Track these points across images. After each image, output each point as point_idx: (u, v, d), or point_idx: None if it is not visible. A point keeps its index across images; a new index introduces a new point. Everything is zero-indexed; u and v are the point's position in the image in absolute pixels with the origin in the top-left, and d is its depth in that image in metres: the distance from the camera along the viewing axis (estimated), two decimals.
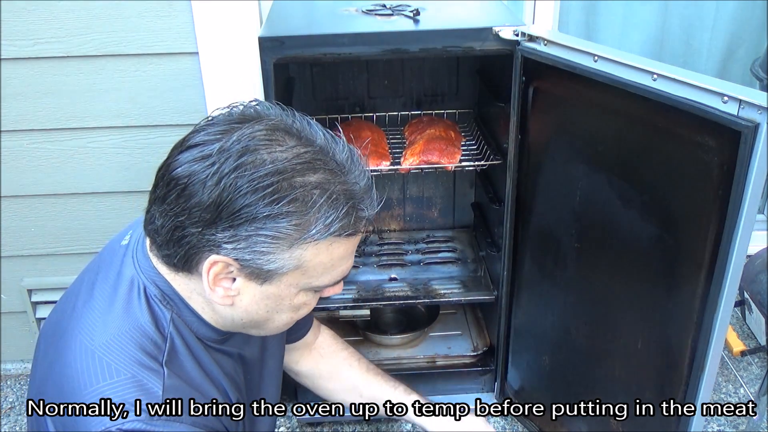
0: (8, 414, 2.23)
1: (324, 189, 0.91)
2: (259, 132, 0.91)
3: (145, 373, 0.94)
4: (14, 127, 2.01)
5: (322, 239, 0.93)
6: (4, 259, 2.20)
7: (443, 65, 2.18)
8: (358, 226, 0.97)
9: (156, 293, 1.01)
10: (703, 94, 1.17)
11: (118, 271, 1.04)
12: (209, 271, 0.94)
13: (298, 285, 0.99)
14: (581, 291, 1.65)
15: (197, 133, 0.94)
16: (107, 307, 1.00)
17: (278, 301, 1.00)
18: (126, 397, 0.92)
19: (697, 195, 1.26)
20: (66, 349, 0.98)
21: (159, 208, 0.94)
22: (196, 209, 0.90)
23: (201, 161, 0.90)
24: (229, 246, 0.91)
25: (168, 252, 0.96)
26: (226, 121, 0.94)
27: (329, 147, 0.95)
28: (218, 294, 0.97)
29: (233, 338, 1.12)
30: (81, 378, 0.94)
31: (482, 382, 2.12)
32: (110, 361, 0.94)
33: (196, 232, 0.91)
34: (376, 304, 2.08)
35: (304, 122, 0.97)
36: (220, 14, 1.90)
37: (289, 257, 0.94)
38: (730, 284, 1.22)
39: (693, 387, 1.36)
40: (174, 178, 0.92)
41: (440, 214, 2.43)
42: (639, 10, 2.45)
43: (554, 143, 1.62)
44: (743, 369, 2.27)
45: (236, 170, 0.88)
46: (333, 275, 1.01)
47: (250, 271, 0.95)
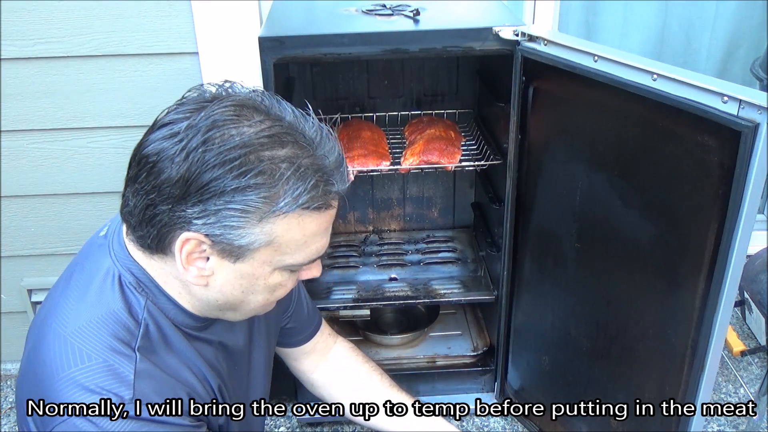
0: (8, 414, 2.23)
1: (291, 162, 0.91)
2: (227, 108, 0.92)
3: (116, 358, 0.94)
4: (14, 127, 2.01)
5: (291, 211, 0.93)
6: (4, 259, 2.20)
7: (443, 65, 2.18)
8: (327, 199, 0.97)
9: (131, 280, 1.01)
10: (703, 94, 1.17)
11: (94, 261, 1.05)
12: (182, 250, 0.94)
13: (271, 263, 0.98)
14: (581, 291, 1.65)
15: (168, 114, 0.95)
16: (81, 296, 1.01)
17: (253, 280, 1.00)
18: (97, 382, 0.92)
19: (697, 195, 1.26)
20: (42, 338, 0.99)
21: (131, 189, 0.95)
22: (166, 185, 0.90)
23: (170, 139, 0.91)
24: (200, 221, 0.91)
25: (142, 233, 0.96)
26: (197, 100, 0.95)
27: (298, 123, 0.96)
28: (192, 274, 0.97)
29: (214, 326, 1.12)
30: (54, 364, 0.95)
31: (482, 382, 2.12)
32: (82, 347, 0.95)
33: (167, 210, 0.92)
34: (376, 304, 2.08)
35: (273, 100, 0.97)
36: (220, 14, 1.90)
37: (260, 231, 0.93)
38: (730, 284, 1.22)
39: (693, 387, 1.36)
40: (144, 156, 0.93)
41: (440, 214, 2.43)
42: (639, 10, 2.45)
43: (554, 143, 1.62)
44: (743, 369, 2.27)
45: (203, 144, 0.88)
46: (307, 253, 1.00)
47: (222, 248, 0.94)
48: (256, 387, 1.30)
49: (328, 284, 2.16)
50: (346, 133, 2.00)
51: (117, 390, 0.92)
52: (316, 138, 0.96)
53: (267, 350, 1.33)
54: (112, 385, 0.92)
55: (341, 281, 2.17)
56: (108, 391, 0.92)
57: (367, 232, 2.42)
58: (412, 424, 1.46)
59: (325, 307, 2.06)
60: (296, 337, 1.48)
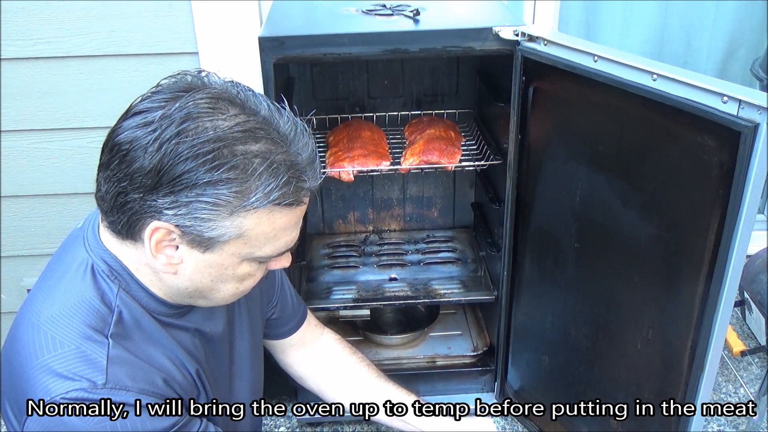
0: None
1: (264, 158, 0.92)
2: (202, 100, 0.92)
3: (89, 344, 0.95)
4: (14, 127, 2.01)
5: (262, 207, 0.94)
6: (4, 259, 2.20)
7: (443, 65, 2.18)
8: (299, 196, 0.97)
9: (104, 269, 1.02)
10: (702, 94, 1.17)
11: (70, 252, 1.07)
12: (151, 238, 0.95)
13: (240, 255, 0.99)
14: (581, 291, 1.65)
15: (142, 101, 0.95)
16: (54, 286, 1.02)
17: (221, 270, 1.01)
18: (70, 368, 0.93)
19: (696, 195, 1.26)
20: (16, 330, 1.01)
21: (103, 175, 0.96)
22: (138, 174, 0.91)
23: (143, 127, 0.91)
24: (170, 212, 0.92)
25: (113, 218, 0.98)
26: (171, 89, 0.95)
27: (273, 118, 0.96)
28: (161, 261, 0.98)
29: (191, 314, 1.12)
30: (27, 352, 0.96)
31: (482, 382, 2.12)
32: (55, 334, 0.96)
33: (138, 198, 0.92)
34: (376, 304, 2.08)
35: (248, 93, 0.98)
36: (220, 14, 1.90)
37: (230, 225, 0.94)
38: (729, 284, 1.22)
39: (693, 387, 1.36)
40: (117, 143, 0.93)
41: (440, 214, 2.43)
42: (639, 10, 2.45)
43: (554, 143, 1.62)
44: (743, 369, 2.27)
45: (177, 136, 0.89)
46: (276, 246, 1.01)
47: (191, 239, 0.95)
48: (241, 374, 1.30)
49: (328, 284, 2.16)
50: (346, 133, 2.00)
51: (90, 375, 0.93)
52: (290, 134, 0.96)
53: (251, 341, 1.32)
54: (85, 370, 0.93)
55: (341, 281, 2.17)
56: (81, 377, 0.93)
57: (367, 232, 2.42)
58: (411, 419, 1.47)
59: (325, 307, 2.06)
60: (282, 328, 1.48)
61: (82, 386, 0.92)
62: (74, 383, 0.92)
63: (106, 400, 0.92)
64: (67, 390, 0.91)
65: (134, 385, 0.96)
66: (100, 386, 0.92)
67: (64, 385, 0.92)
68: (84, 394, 0.92)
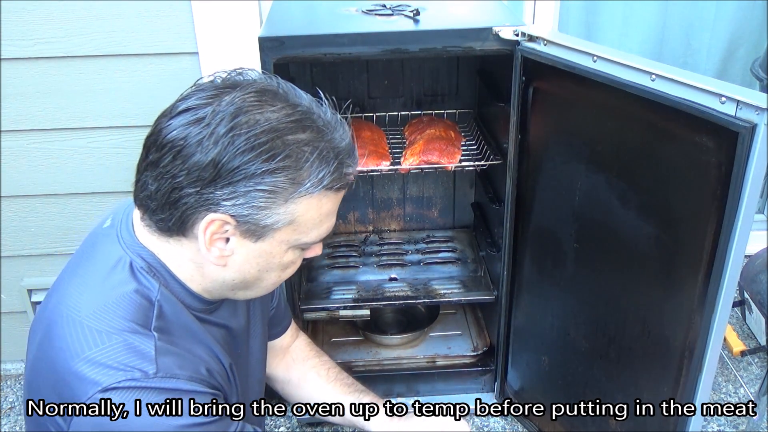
0: (8, 414, 2.23)
1: (314, 146, 0.97)
2: (249, 95, 0.96)
3: (135, 337, 0.97)
4: (14, 127, 2.01)
5: (315, 192, 0.98)
6: (4, 259, 2.20)
7: (443, 65, 2.18)
8: (345, 180, 1.02)
9: (142, 266, 1.03)
10: (701, 95, 1.17)
11: (103, 251, 1.07)
12: (206, 231, 0.97)
13: (288, 242, 1.03)
14: (581, 291, 1.65)
15: (185, 100, 0.98)
16: (92, 283, 1.03)
17: (269, 258, 1.04)
18: (120, 359, 0.94)
19: (695, 195, 1.26)
20: (53, 327, 1.00)
21: (152, 173, 0.97)
22: (195, 169, 0.93)
23: (196, 124, 0.94)
24: (228, 203, 0.95)
25: (163, 216, 0.99)
26: (213, 87, 0.99)
27: (314, 108, 1.01)
28: (213, 254, 1.01)
29: (220, 310, 1.15)
30: (71, 348, 0.96)
31: (482, 382, 2.13)
32: (100, 329, 0.97)
33: (193, 192, 0.95)
34: (376, 304, 2.08)
35: (288, 86, 1.03)
36: (220, 14, 1.90)
37: (284, 212, 0.98)
38: (728, 284, 1.22)
39: (692, 387, 1.36)
40: (168, 141, 0.95)
41: (440, 214, 2.43)
42: (639, 10, 2.45)
43: (554, 143, 1.62)
44: (743, 369, 2.27)
45: (232, 130, 0.92)
46: (319, 231, 1.05)
47: (246, 228, 0.98)
48: (253, 372, 1.33)
49: (328, 284, 2.16)
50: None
51: (141, 366, 0.94)
52: (331, 122, 1.01)
53: (262, 337, 1.36)
54: (135, 361, 0.95)
55: (341, 281, 2.17)
56: (132, 368, 0.94)
57: (367, 232, 2.42)
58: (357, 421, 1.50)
59: (325, 307, 2.06)
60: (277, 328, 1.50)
61: (134, 376, 0.93)
62: (126, 373, 0.93)
63: (158, 388, 0.94)
64: (119, 380, 0.92)
65: (183, 373, 0.98)
66: (151, 375, 0.94)
67: (116, 376, 0.93)
68: (137, 383, 0.93)
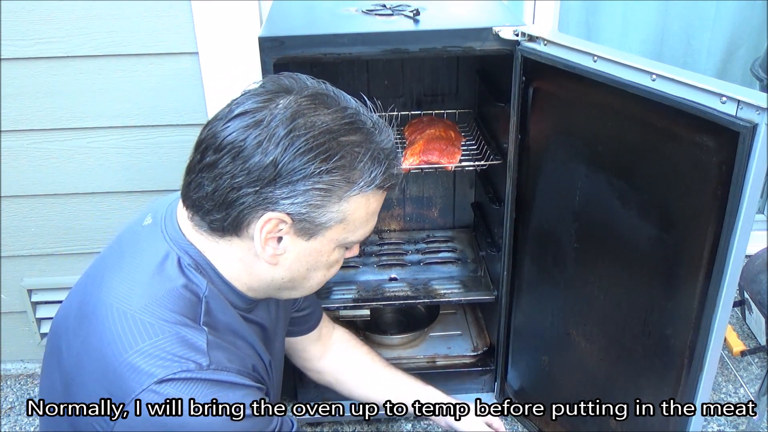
0: (8, 414, 2.23)
1: (366, 147, 1.03)
2: (304, 99, 1.02)
3: (187, 330, 1.00)
4: (14, 127, 2.01)
5: (368, 191, 1.04)
6: (4, 259, 2.20)
7: (443, 65, 2.18)
8: (394, 180, 1.09)
9: (190, 263, 1.07)
10: (701, 95, 1.17)
11: (148, 247, 1.09)
12: (262, 229, 1.02)
13: (337, 240, 1.08)
14: (581, 291, 1.65)
15: (240, 105, 1.02)
16: (141, 278, 1.05)
17: (318, 257, 1.09)
18: (175, 352, 0.97)
19: (695, 195, 1.26)
20: (102, 319, 1.01)
21: (210, 174, 1.01)
22: (255, 169, 0.98)
23: (254, 127, 0.98)
24: (286, 202, 1.00)
25: (218, 216, 1.03)
26: (265, 92, 1.03)
27: (362, 111, 1.07)
28: (267, 253, 1.05)
29: (256, 309, 1.20)
30: (123, 341, 0.98)
31: (482, 382, 2.13)
32: (152, 322, 0.99)
33: (252, 192, 0.99)
34: (376, 304, 2.08)
35: (336, 90, 1.09)
36: (220, 14, 1.90)
37: (337, 210, 1.03)
38: (728, 284, 1.22)
39: (692, 387, 1.36)
40: (227, 143, 0.99)
41: (440, 214, 2.43)
42: (639, 10, 2.45)
43: (554, 143, 1.62)
44: (743, 369, 2.27)
45: (291, 132, 0.97)
46: (365, 230, 1.11)
47: (301, 227, 1.03)
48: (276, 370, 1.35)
49: (328, 284, 2.15)
50: None
51: (194, 358, 0.97)
52: (378, 124, 1.07)
53: (283, 336, 1.42)
54: (189, 353, 0.97)
55: (341, 281, 2.17)
56: (186, 359, 0.97)
57: None
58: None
59: (325, 307, 2.04)
60: (307, 324, 1.54)
61: (189, 367, 0.96)
62: (181, 364, 0.96)
63: (212, 380, 0.97)
64: (175, 371, 0.95)
65: (233, 367, 1.02)
66: (205, 367, 0.97)
67: (171, 367, 0.95)
68: (192, 374, 0.96)
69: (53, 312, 2.26)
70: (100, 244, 2.18)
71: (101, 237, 2.18)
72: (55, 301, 2.26)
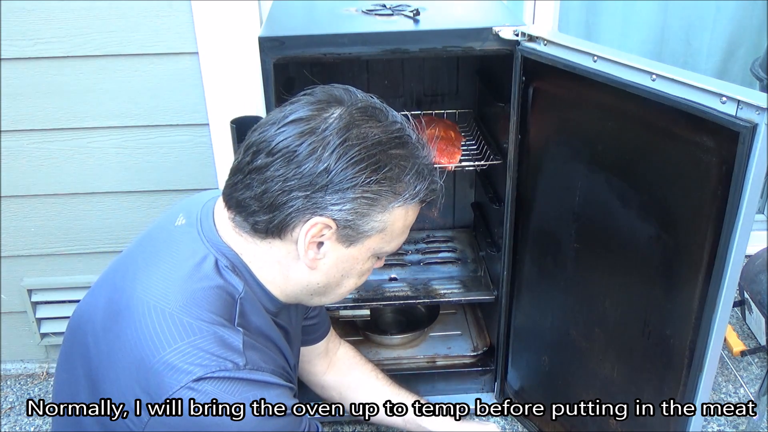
0: (8, 414, 2.23)
1: (413, 162, 1.07)
2: (356, 111, 1.05)
3: (224, 330, 1.02)
4: (14, 127, 2.01)
5: (410, 203, 1.08)
6: (4, 259, 2.20)
7: (443, 65, 2.18)
8: (433, 195, 1.12)
9: (227, 264, 1.09)
10: (701, 95, 1.17)
11: (184, 247, 1.11)
12: (308, 233, 1.05)
13: (374, 249, 1.12)
14: (580, 291, 1.65)
15: (294, 112, 1.05)
16: (178, 277, 1.06)
17: (353, 264, 1.12)
18: (213, 350, 0.98)
19: (695, 195, 1.26)
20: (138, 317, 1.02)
21: (259, 177, 1.03)
22: (309, 174, 1.01)
23: (309, 135, 1.02)
24: (335, 207, 1.03)
25: (264, 217, 1.05)
26: (318, 101, 1.07)
27: (407, 126, 1.11)
28: (309, 257, 1.08)
29: (282, 314, 1.22)
30: (161, 339, 0.99)
31: (482, 382, 2.12)
32: (191, 321, 1.01)
33: (302, 196, 1.02)
34: (376, 304, 2.08)
35: (384, 105, 1.12)
36: (220, 14, 1.90)
37: (380, 219, 1.07)
38: (728, 284, 1.22)
39: (692, 387, 1.36)
40: (280, 148, 1.02)
41: (440, 214, 2.43)
42: (639, 10, 2.45)
43: (554, 143, 1.62)
44: (743, 369, 2.27)
45: (345, 142, 1.01)
46: (399, 241, 1.14)
47: (344, 234, 1.07)
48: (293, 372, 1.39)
49: None
50: None
51: (232, 357, 0.99)
52: (420, 140, 1.12)
53: (299, 340, 1.43)
54: (226, 353, 0.99)
55: None
56: (224, 359, 0.99)
57: None
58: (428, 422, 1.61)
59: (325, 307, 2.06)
60: (314, 335, 1.56)
61: (226, 366, 0.98)
62: (220, 362, 0.98)
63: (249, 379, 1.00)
64: (213, 370, 0.97)
65: (267, 367, 1.05)
66: (242, 367, 1.00)
67: (209, 366, 0.97)
68: (229, 374, 0.98)
69: (53, 312, 2.27)
70: (100, 244, 2.19)
71: (101, 237, 2.18)
72: (55, 301, 2.26)
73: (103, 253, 2.20)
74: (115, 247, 2.19)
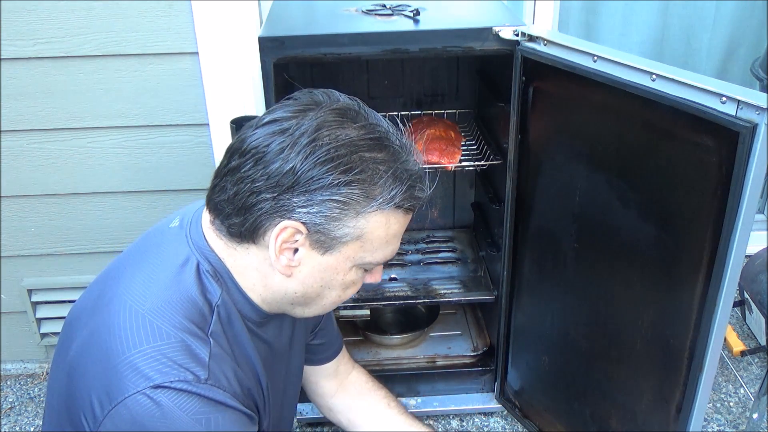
0: (8, 414, 2.23)
1: (389, 165, 1.01)
2: (332, 112, 1.02)
3: (192, 339, 0.99)
4: (14, 127, 2.01)
5: (386, 208, 1.02)
6: (4, 259, 2.20)
7: (443, 65, 2.18)
8: (415, 201, 1.06)
9: (208, 269, 1.06)
10: (701, 95, 1.17)
11: (171, 250, 1.09)
12: (278, 237, 1.01)
13: (353, 259, 1.06)
14: (580, 291, 1.65)
15: (271, 113, 1.03)
16: (159, 280, 1.05)
17: (333, 274, 1.07)
18: (176, 359, 0.96)
19: (695, 195, 1.26)
20: (113, 314, 1.02)
21: (232, 178, 1.01)
22: (275, 175, 0.98)
23: (279, 134, 0.99)
24: (303, 210, 0.99)
25: (237, 220, 1.02)
26: (298, 104, 1.04)
27: (392, 132, 1.06)
28: (281, 263, 1.04)
29: (267, 326, 1.18)
30: (129, 339, 0.98)
31: (482, 382, 2.13)
32: (160, 325, 0.99)
33: (270, 198, 0.99)
34: (376, 304, 2.08)
35: (368, 109, 1.08)
36: (220, 14, 1.90)
37: (354, 225, 1.02)
38: (728, 284, 1.22)
39: (692, 387, 1.36)
40: (252, 148, 1.00)
41: (440, 214, 2.43)
42: (639, 10, 2.45)
43: (554, 143, 1.62)
44: (743, 369, 2.27)
45: (314, 141, 0.97)
46: (385, 253, 1.09)
47: (316, 239, 1.02)
48: (289, 391, 1.35)
49: None
50: None
51: (194, 369, 0.97)
52: (406, 146, 1.06)
53: (301, 357, 1.39)
54: (190, 363, 0.97)
55: None
56: (186, 369, 0.96)
57: None
58: None
59: None
60: (322, 355, 1.50)
61: (187, 378, 0.96)
62: (180, 373, 0.96)
63: (206, 396, 0.97)
64: (172, 379, 0.95)
65: (230, 387, 1.01)
66: (203, 380, 0.97)
67: (169, 375, 0.95)
68: (188, 386, 0.95)
69: (53, 312, 2.27)
70: (100, 244, 2.19)
71: (101, 237, 2.18)
72: (55, 301, 2.26)
73: (103, 253, 2.20)
74: (115, 247, 2.19)
